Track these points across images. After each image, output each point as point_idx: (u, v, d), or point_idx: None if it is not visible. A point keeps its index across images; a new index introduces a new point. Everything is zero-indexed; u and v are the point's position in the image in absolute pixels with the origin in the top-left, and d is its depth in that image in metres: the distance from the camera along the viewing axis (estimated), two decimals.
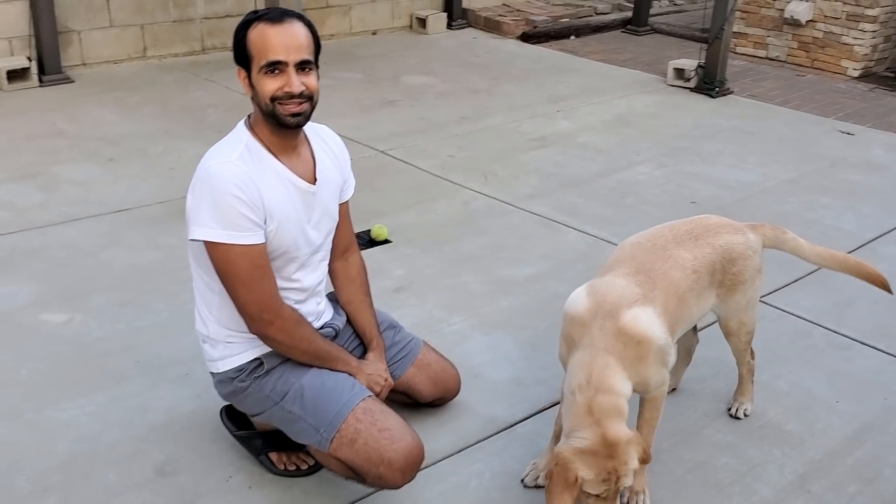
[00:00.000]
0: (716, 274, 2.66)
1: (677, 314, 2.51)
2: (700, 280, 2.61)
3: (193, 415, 2.89)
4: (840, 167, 5.45)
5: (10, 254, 3.94)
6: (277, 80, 2.32)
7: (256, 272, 2.35)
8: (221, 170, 2.32)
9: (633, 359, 2.32)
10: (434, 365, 2.86)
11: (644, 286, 2.44)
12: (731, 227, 2.76)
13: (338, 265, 2.75)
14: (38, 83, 6.37)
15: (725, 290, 2.71)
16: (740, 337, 2.85)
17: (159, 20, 7.17)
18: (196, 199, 2.33)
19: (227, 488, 2.58)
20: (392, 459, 2.33)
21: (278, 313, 2.41)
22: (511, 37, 8.64)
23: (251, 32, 2.34)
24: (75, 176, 4.86)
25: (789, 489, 2.66)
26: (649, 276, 2.48)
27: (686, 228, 2.70)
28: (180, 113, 5.98)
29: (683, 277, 2.55)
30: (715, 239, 2.68)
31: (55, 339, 3.31)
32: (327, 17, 8.15)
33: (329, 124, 2.70)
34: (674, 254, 2.58)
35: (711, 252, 2.65)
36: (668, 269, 2.53)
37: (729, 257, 2.68)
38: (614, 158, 5.45)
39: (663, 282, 2.48)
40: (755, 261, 2.75)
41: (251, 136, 2.41)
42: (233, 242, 2.30)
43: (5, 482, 2.56)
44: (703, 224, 2.74)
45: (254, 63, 2.34)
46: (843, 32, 7.71)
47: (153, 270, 3.83)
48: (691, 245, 2.64)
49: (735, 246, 2.70)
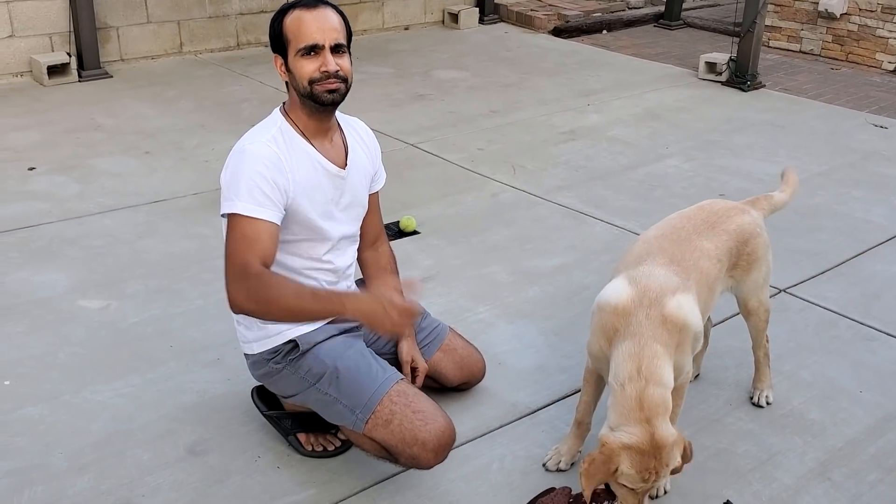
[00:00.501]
0: (732, 258, 2.72)
1: (708, 303, 2.59)
2: (722, 268, 2.67)
3: (224, 397, 2.97)
4: (872, 160, 5.41)
5: (50, 243, 4.06)
6: (314, 62, 2.41)
7: (242, 243, 2.30)
8: (251, 148, 2.40)
9: (674, 346, 2.35)
10: (460, 350, 2.91)
11: (681, 276, 2.49)
12: (737, 209, 2.83)
13: (368, 255, 2.82)
14: (78, 78, 6.51)
15: (742, 271, 2.78)
16: (759, 315, 2.88)
17: (195, 16, 7.29)
18: (225, 177, 2.42)
19: (256, 468, 2.65)
20: (426, 440, 2.39)
21: (245, 283, 2.25)
22: (543, 31, 8.65)
23: (287, 19, 2.43)
24: (112, 168, 4.97)
25: (809, 476, 2.68)
26: (683, 267, 2.54)
27: (701, 217, 2.75)
28: (215, 107, 6.08)
29: (711, 267, 2.62)
30: (728, 224, 2.74)
31: (92, 324, 3.41)
32: (360, 12, 8.22)
33: (360, 118, 2.77)
34: (699, 245, 2.64)
35: (728, 238, 2.71)
36: (696, 259, 2.59)
37: (742, 238, 2.75)
38: (643, 152, 5.46)
39: (695, 272, 2.55)
40: (764, 237, 2.82)
41: (285, 121, 2.50)
42: (241, 213, 2.33)
43: (44, 460, 2.66)
44: (712, 211, 2.79)
45: (290, 47, 2.42)
46: (878, 25, 7.62)
47: (187, 259, 3.92)
48: (710, 234, 2.69)
49: (746, 226, 2.77)
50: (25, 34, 6.49)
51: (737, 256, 2.73)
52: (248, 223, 2.34)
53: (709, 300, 2.61)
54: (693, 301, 2.44)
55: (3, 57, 6.45)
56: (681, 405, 2.57)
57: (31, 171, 4.88)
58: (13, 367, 3.11)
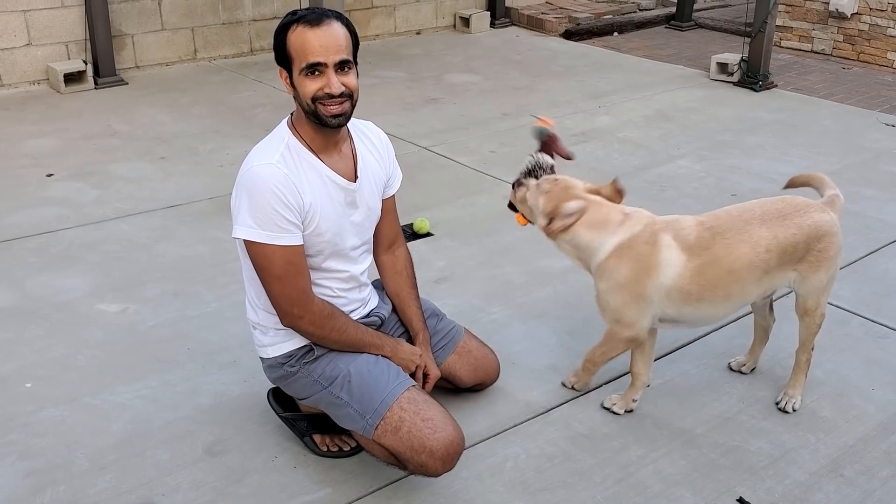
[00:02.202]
0: (798, 252, 2.76)
1: (728, 287, 2.70)
2: (770, 260, 2.71)
3: (241, 399, 3.01)
4: (884, 159, 5.41)
5: (69, 248, 4.11)
6: (318, 81, 2.39)
7: (290, 269, 2.44)
8: (262, 171, 2.39)
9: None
10: (475, 352, 2.93)
11: (698, 235, 2.70)
12: (816, 207, 2.83)
13: (385, 258, 2.83)
14: (94, 85, 6.58)
15: (808, 267, 2.79)
16: (815, 318, 2.89)
17: (209, 23, 7.36)
18: (238, 199, 2.43)
19: (273, 467, 2.69)
20: (434, 448, 2.40)
21: (308, 308, 2.49)
22: (554, 34, 8.68)
23: (291, 35, 2.40)
24: (129, 174, 5.03)
25: (822, 473, 2.69)
26: (713, 233, 2.71)
27: (776, 207, 2.80)
28: (229, 113, 6.14)
29: (748, 252, 2.69)
30: (803, 219, 2.77)
31: (111, 327, 3.46)
32: (372, 17, 8.27)
33: (373, 122, 2.78)
34: (751, 229, 2.72)
35: (796, 232, 2.74)
36: (736, 238, 2.70)
37: (816, 235, 2.77)
38: (654, 153, 5.48)
39: (721, 247, 2.67)
40: (840, 238, 2.84)
41: (292, 136, 2.49)
42: (272, 243, 2.39)
43: (65, 460, 2.71)
44: (792, 204, 2.82)
45: (294, 65, 2.40)
46: (889, 25, 7.61)
47: (203, 263, 3.97)
48: (775, 224, 2.74)
49: (822, 224, 2.78)
50: (42, 43, 6.57)
51: (805, 251, 2.76)
52: (286, 251, 2.42)
53: (731, 284, 2.69)
54: (671, 240, 2.68)
55: (20, 65, 6.54)
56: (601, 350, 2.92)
57: (50, 178, 4.95)
58: (34, 370, 3.16)
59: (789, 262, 2.77)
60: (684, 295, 2.71)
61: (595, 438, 2.83)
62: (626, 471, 2.69)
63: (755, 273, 2.73)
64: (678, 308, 2.75)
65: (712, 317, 2.86)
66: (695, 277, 2.69)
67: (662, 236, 2.72)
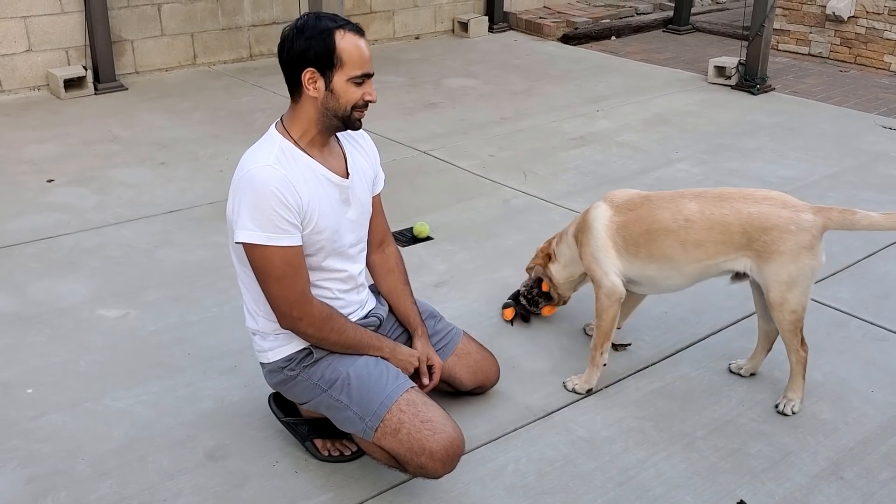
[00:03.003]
0: (731, 235, 2.89)
1: (640, 239, 2.99)
2: (692, 231, 2.91)
3: (242, 403, 3.01)
4: (882, 161, 5.43)
5: (69, 253, 4.12)
6: (361, 90, 2.48)
7: (289, 271, 2.44)
8: (260, 173, 2.40)
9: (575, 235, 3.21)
10: (474, 354, 2.94)
11: (631, 199, 3.06)
12: (781, 201, 2.91)
13: (376, 258, 2.85)
14: (94, 91, 6.59)
15: (758, 256, 2.89)
16: (783, 314, 2.91)
17: (209, 28, 7.37)
18: (236, 204, 2.43)
19: (274, 472, 2.70)
20: (433, 450, 2.41)
21: (307, 310, 2.49)
22: (552, 39, 8.70)
23: (342, 41, 2.42)
24: (129, 179, 5.04)
25: (822, 476, 2.70)
26: (644, 198, 3.04)
27: (728, 191, 2.98)
28: (229, 118, 6.15)
29: (668, 218, 2.94)
30: (745, 205, 2.89)
31: (112, 332, 3.47)
32: (371, 22, 8.29)
33: (372, 126, 2.81)
34: (681, 202, 2.97)
35: (730, 214, 2.89)
36: (660, 207, 2.98)
37: (759, 225, 2.86)
38: (653, 156, 5.49)
39: (645, 210, 2.99)
40: (798, 237, 2.84)
41: (284, 138, 2.51)
42: (272, 244, 2.40)
43: (66, 466, 2.71)
44: (750, 193, 2.95)
45: (343, 70, 2.44)
46: (886, 28, 7.63)
47: (203, 268, 3.98)
48: (710, 202, 2.94)
49: (769, 217, 2.86)
50: (42, 48, 6.58)
51: (745, 238, 2.88)
52: (286, 252, 2.43)
53: (650, 244, 2.97)
54: (606, 209, 3.05)
55: (20, 71, 6.55)
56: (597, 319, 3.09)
57: (50, 183, 4.95)
58: (36, 376, 3.17)
59: (729, 244, 2.90)
60: (618, 248, 3.02)
61: (595, 442, 2.84)
62: (626, 474, 2.70)
63: (676, 240, 2.93)
64: (623, 264, 3.03)
65: (656, 280, 3.06)
66: (619, 230, 3.01)
67: (597, 202, 3.14)
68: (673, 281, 3.05)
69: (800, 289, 2.90)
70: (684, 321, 3.56)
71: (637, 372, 3.23)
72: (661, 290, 3.20)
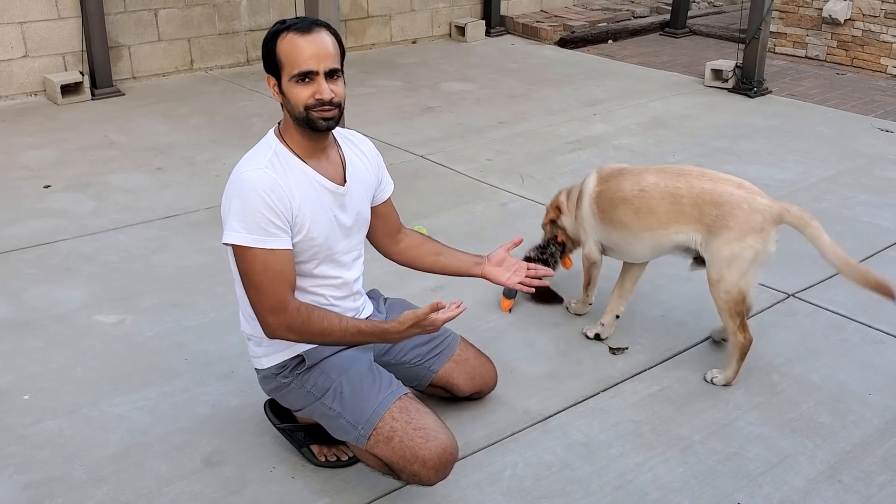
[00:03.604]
0: (683, 207, 3.08)
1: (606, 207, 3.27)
2: (647, 201, 3.14)
3: (238, 409, 3.01)
4: (879, 164, 5.44)
5: (66, 259, 4.12)
6: (309, 88, 2.40)
7: (269, 275, 2.40)
8: (250, 176, 2.40)
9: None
10: (472, 360, 2.93)
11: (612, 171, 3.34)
12: (738, 183, 3.08)
13: (400, 246, 2.87)
14: (91, 96, 6.59)
15: (707, 230, 3.05)
16: (718, 292, 3.05)
17: (205, 33, 7.38)
18: (227, 205, 2.43)
19: (271, 478, 2.69)
20: (426, 458, 2.40)
21: (283, 318, 2.41)
22: (548, 42, 8.71)
23: (281, 42, 2.41)
24: (126, 184, 5.04)
25: (820, 479, 2.70)
26: (619, 171, 3.31)
27: (689, 168, 3.21)
28: (226, 122, 6.15)
29: (627, 188, 3.20)
30: (699, 181, 3.10)
31: (109, 338, 3.46)
32: (368, 26, 8.29)
33: (370, 131, 2.81)
34: (644, 175, 3.21)
35: (683, 187, 3.09)
36: (626, 179, 3.24)
37: (711, 200, 3.03)
38: (650, 159, 5.49)
39: (615, 181, 3.26)
40: (749, 216, 2.98)
41: (280, 143, 2.50)
42: (256, 246, 2.38)
43: (63, 472, 2.70)
44: (707, 172, 3.16)
45: (284, 72, 2.41)
46: (882, 30, 7.65)
47: (200, 273, 3.98)
48: (669, 176, 3.16)
49: (722, 194, 3.03)
50: (39, 54, 6.58)
51: (696, 211, 3.06)
52: (267, 255, 2.39)
53: (612, 211, 3.24)
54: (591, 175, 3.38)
55: (17, 77, 6.55)
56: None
57: (47, 189, 4.95)
58: (32, 382, 3.16)
59: (680, 214, 3.08)
60: (595, 216, 3.32)
61: (593, 446, 2.84)
62: (624, 478, 2.70)
63: (630, 208, 3.18)
64: (597, 231, 3.35)
65: (621, 246, 3.31)
66: (596, 199, 3.31)
67: (590, 172, 3.42)
68: (633, 248, 3.27)
69: (738, 269, 2.99)
70: (681, 325, 3.56)
71: (634, 375, 3.23)
72: (630, 258, 3.38)
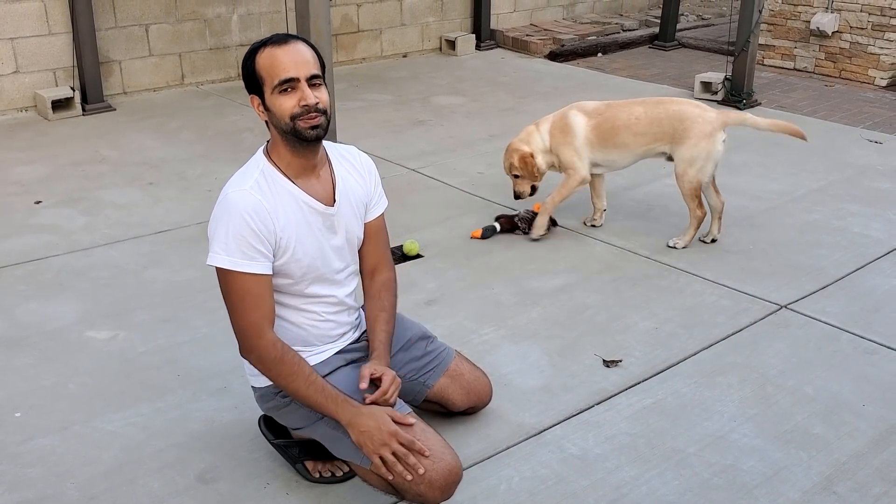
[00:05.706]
0: (662, 125, 4.21)
1: (608, 134, 4.31)
2: (641, 124, 4.24)
3: (232, 425, 2.99)
4: (868, 175, 5.47)
5: (58, 275, 4.10)
6: (293, 97, 2.40)
7: (248, 299, 2.40)
8: (235, 198, 2.40)
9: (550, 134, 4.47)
10: (467, 374, 2.91)
11: (597, 107, 4.38)
12: (695, 104, 4.29)
13: (365, 283, 2.78)
14: (82, 112, 6.58)
15: (676, 140, 4.22)
16: (683, 183, 4.25)
17: (196, 48, 7.38)
18: (212, 226, 2.44)
19: (265, 494, 2.68)
20: (433, 479, 2.38)
21: (255, 343, 2.41)
22: (538, 56, 8.75)
23: (259, 58, 2.43)
24: (117, 200, 5.03)
25: (815, 491, 2.70)
26: (607, 105, 4.38)
27: (661, 100, 4.37)
28: (217, 137, 6.15)
29: (626, 117, 4.27)
30: (671, 105, 4.27)
31: (101, 354, 3.44)
32: (358, 41, 8.31)
33: (361, 145, 2.79)
34: (633, 106, 4.32)
35: (661, 112, 4.24)
36: (620, 110, 4.31)
37: (678, 117, 4.21)
38: (640, 172, 5.48)
39: (610, 113, 4.32)
40: (703, 126, 4.16)
41: (267, 163, 2.50)
42: (234, 269, 2.38)
43: (56, 490, 2.68)
44: (675, 100, 4.34)
45: (266, 85, 2.42)
46: (870, 42, 7.71)
47: (192, 288, 3.96)
48: (650, 105, 4.30)
49: (685, 111, 4.21)
50: (30, 70, 6.57)
51: (670, 127, 4.20)
52: (247, 279, 2.39)
53: (615, 136, 4.29)
54: (573, 114, 4.38)
55: (8, 92, 6.53)
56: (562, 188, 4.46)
57: (38, 205, 4.93)
58: (24, 399, 3.14)
59: (660, 133, 4.22)
60: (591, 143, 4.29)
61: (588, 459, 2.83)
62: (619, 492, 2.69)
63: (631, 131, 4.25)
64: (594, 153, 4.32)
65: (616, 161, 4.38)
66: (594, 130, 4.28)
67: (570, 112, 4.36)
68: (626, 160, 4.37)
69: (697, 166, 4.19)
70: (674, 336, 3.57)
71: (628, 388, 3.22)
72: (618, 168, 4.46)
